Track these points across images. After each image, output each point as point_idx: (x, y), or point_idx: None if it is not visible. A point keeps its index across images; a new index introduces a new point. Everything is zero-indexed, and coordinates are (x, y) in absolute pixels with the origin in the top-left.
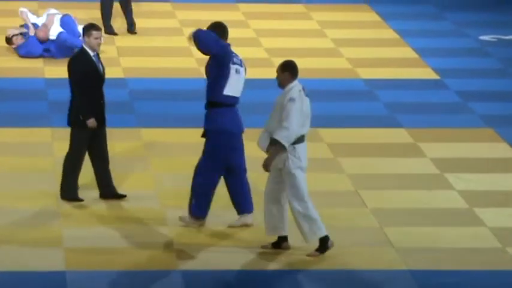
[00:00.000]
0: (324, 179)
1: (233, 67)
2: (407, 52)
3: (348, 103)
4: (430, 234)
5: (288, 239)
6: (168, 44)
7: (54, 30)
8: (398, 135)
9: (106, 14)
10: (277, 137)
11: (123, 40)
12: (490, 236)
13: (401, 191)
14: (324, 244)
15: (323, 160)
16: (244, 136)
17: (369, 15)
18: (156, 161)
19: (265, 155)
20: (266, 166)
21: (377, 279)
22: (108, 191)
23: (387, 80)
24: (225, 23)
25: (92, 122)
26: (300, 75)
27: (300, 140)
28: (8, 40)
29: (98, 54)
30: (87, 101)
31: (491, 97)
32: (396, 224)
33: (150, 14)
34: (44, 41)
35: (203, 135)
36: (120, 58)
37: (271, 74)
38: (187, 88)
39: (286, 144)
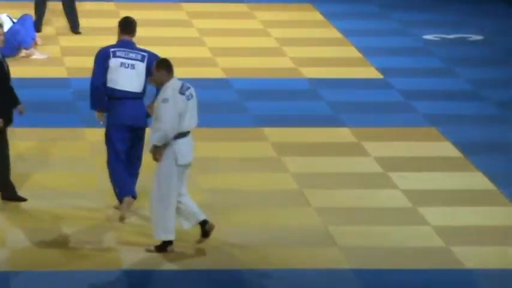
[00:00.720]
0: (268, 178)
1: (115, 61)
2: (350, 51)
3: (292, 102)
4: (374, 233)
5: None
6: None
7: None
8: (342, 134)
9: (39, 14)
10: (151, 140)
11: (67, 40)
12: (434, 235)
13: (345, 190)
14: (163, 246)
15: (267, 159)
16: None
17: (313, 15)
18: (100, 160)
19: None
20: (154, 159)
21: (320, 279)
22: None
23: (331, 79)
24: (133, 18)
25: (1, 122)
26: (244, 74)
27: (180, 135)
28: None
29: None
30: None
31: (435, 96)
32: (340, 223)
33: (93, 14)
34: None
35: None
36: (63, 58)
37: (215, 73)
38: None
39: (160, 144)
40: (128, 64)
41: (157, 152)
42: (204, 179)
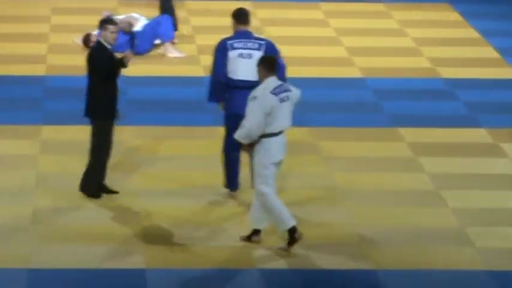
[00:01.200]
0: (404, 178)
1: (234, 52)
2: (488, 52)
3: (428, 102)
4: (511, 234)
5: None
6: None
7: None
8: (479, 135)
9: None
10: (236, 136)
11: (204, 38)
12: None
13: (482, 191)
14: (292, 239)
15: (403, 159)
16: (319, 135)
17: (450, 15)
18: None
19: None
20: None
21: (457, 280)
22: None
23: (468, 80)
24: (246, 9)
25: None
26: (380, 74)
27: (272, 134)
28: (86, 41)
29: (112, 49)
30: (108, 91)
31: None
32: (477, 224)
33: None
34: (128, 33)
35: None
36: (200, 56)
37: (352, 73)
38: None
39: (245, 142)
40: (246, 54)
41: (246, 149)
42: (342, 177)
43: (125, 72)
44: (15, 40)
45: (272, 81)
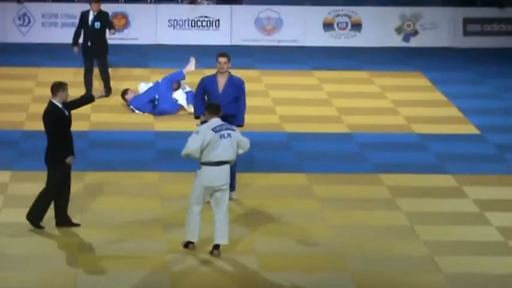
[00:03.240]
0: (383, 215)
1: None
2: (453, 111)
3: (404, 153)
4: (476, 262)
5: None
6: (255, 104)
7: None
8: (446, 180)
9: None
10: (182, 153)
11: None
12: None
13: (449, 226)
14: (186, 244)
15: (383, 200)
16: (314, 180)
17: (422, 81)
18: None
19: None
20: None
21: None
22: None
23: (437, 135)
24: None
25: (71, 159)
26: (364, 130)
27: (209, 163)
28: (123, 95)
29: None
30: (64, 144)
31: None
32: (445, 253)
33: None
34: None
35: None
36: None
37: (341, 128)
38: (274, 139)
39: (183, 156)
40: None
41: None
42: (331, 215)
43: (154, 127)
44: None
45: (215, 122)
